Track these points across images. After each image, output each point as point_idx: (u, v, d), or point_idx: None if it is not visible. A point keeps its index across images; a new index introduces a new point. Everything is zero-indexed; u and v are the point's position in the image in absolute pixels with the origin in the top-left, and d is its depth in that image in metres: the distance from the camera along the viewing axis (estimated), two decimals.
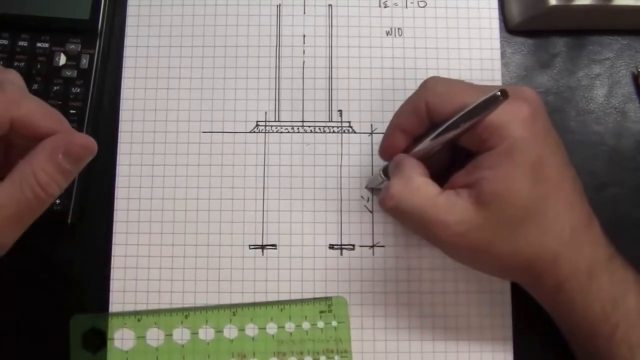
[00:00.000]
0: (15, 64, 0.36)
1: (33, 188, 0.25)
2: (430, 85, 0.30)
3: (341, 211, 0.36)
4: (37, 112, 0.26)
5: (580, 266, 0.29)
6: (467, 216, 0.28)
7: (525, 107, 0.28)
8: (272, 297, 0.35)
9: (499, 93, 0.25)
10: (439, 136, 0.28)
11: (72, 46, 0.36)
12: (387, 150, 0.32)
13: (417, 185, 0.29)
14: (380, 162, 0.36)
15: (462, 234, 0.28)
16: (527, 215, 0.28)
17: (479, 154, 0.29)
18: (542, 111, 0.29)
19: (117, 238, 0.36)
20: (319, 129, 0.37)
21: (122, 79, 0.37)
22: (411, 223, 0.30)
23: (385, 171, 0.32)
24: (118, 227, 0.36)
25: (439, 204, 0.28)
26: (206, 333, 0.35)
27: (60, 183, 0.26)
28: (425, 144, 0.29)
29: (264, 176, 0.36)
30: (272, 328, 0.35)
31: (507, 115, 0.27)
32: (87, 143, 0.26)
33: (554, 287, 0.30)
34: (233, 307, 0.35)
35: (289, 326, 0.35)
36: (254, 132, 0.37)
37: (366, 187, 0.36)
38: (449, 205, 0.28)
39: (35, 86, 0.35)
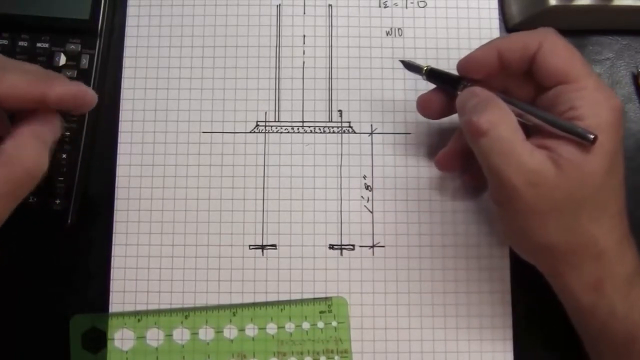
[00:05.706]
0: None
1: (25, 167, 0.26)
2: (552, 38, 0.30)
3: (341, 211, 0.36)
4: (20, 83, 0.27)
5: (620, 270, 0.29)
6: (545, 169, 0.28)
7: (617, 101, 0.29)
8: (272, 297, 0.35)
9: (592, 137, 0.27)
10: (526, 110, 0.29)
11: (72, 46, 0.36)
12: (471, 63, 0.31)
13: (512, 120, 0.29)
14: (381, 164, 0.36)
15: (535, 184, 0.28)
16: (592, 198, 0.28)
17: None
18: (623, 114, 0.30)
19: (117, 238, 0.36)
20: (319, 129, 0.37)
21: (122, 79, 0.37)
22: (490, 157, 0.29)
23: (431, 72, 0.33)
24: (118, 227, 0.36)
25: (525, 146, 0.28)
26: (206, 333, 0.35)
27: (47, 156, 0.28)
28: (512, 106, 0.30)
29: (264, 176, 0.36)
30: (272, 328, 0.35)
31: (601, 97, 0.28)
32: (60, 124, 0.29)
33: (592, 285, 0.29)
34: (233, 308, 0.35)
35: (289, 326, 0.35)
36: (254, 132, 0.37)
37: (401, 60, 0.36)
38: (533, 152, 0.28)
39: None
